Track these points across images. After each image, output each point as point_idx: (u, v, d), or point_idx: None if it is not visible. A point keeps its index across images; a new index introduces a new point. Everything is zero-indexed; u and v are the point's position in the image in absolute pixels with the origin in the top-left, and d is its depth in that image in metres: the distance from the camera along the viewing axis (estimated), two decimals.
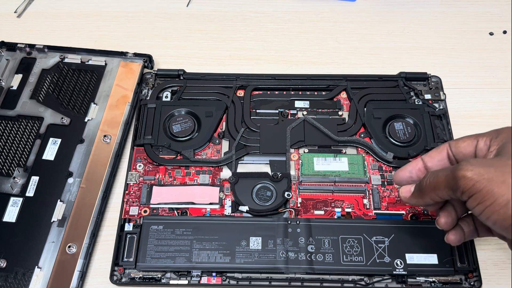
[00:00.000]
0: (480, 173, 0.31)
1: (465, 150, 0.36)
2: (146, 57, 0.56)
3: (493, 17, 0.62)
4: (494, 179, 0.30)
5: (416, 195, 0.37)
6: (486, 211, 0.31)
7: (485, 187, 0.30)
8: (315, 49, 0.60)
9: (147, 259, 0.43)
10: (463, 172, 0.31)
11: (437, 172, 0.34)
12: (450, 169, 0.33)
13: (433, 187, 0.34)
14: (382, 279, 0.43)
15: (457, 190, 0.32)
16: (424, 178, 0.35)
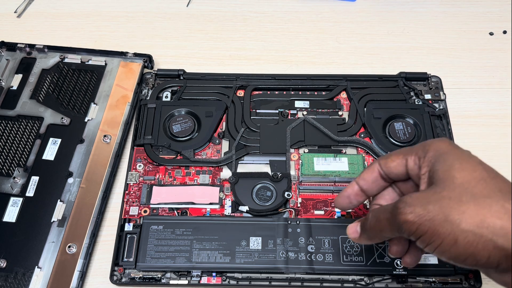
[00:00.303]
0: (420, 214, 0.29)
1: (396, 170, 0.34)
2: (146, 57, 0.56)
3: (493, 17, 0.62)
4: (435, 219, 0.28)
5: (365, 237, 0.34)
6: (437, 250, 0.29)
7: (429, 229, 0.28)
8: (315, 49, 0.60)
9: (147, 259, 0.43)
10: (403, 217, 0.29)
11: (378, 214, 0.32)
12: (390, 212, 0.31)
13: (378, 230, 0.33)
14: (382, 279, 0.43)
15: (403, 234, 0.30)
16: (366, 220, 0.34)
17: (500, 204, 0.28)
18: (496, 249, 0.27)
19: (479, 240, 0.27)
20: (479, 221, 0.27)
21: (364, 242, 0.35)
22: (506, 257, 0.27)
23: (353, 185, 0.37)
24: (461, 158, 0.31)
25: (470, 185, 0.29)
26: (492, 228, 0.27)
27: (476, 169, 0.30)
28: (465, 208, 0.28)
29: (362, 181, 0.36)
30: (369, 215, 0.33)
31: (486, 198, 0.28)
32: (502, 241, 0.27)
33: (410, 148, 0.34)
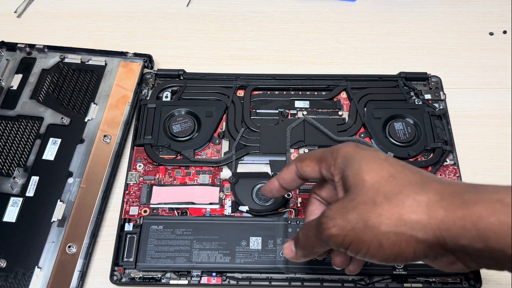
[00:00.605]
0: (342, 226, 0.29)
1: (311, 175, 0.34)
2: (146, 57, 0.56)
3: (493, 17, 0.62)
4: (356, 227, 0.28)
5: (301, 255, 0.34)
6: (368, 256, 0.29)
7: (353, 238, 0.28)
8: (315, 49, 0.60)
9: (147, 259, 0.43)
10: (327, 232, 0.29)
11: (306, 231, 0.32)
12: (315, 229, 0.31)
13: (309, 247, 0.32)
14: (382, 279, 0.43)
15: (333, 247, 0.30)
16: (297, 239, 0.34)
17: (412, 197, 0.28)
18: (419, 243, 0.27)
19: (400, 238, 0.27)
20: (396, 220, 0.27)
21: (301, 260, 0.35)
22: (430, 247, 0.27)
23: (274, 181, 0.37)
24: (367, 159, 0.31)
25: (380, 185, 0.29)
26: (410, 224, 0.27)
27: (383, 167, 0.30)
28: (381, 210, 0.28)
29: (281, 180, 0.37)
30: (299, 233, 0.33)
31: (398, 194, 0.28)
32: (421, 235, 0.27)
33: (322, 153, 0.34)
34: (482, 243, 0.25)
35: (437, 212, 0.27)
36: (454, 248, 0.27)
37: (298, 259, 0.35)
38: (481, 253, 0.26)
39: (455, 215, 0.26)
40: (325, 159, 0.33)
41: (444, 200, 0.27)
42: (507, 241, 0.25)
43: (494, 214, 0.25)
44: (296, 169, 0.35)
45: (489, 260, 0.26)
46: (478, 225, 0.25)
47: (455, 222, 0.26)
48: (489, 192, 0.26)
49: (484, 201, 0.26)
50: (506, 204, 0.25)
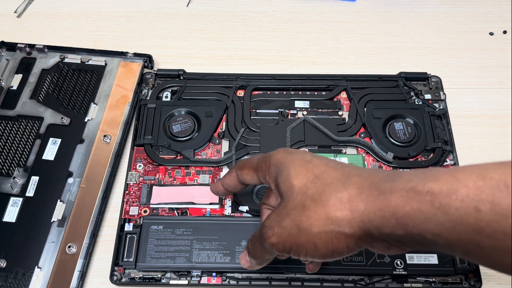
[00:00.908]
0: (279, 234, 0.30)
1: (252, 182, 0.36)
2: (146, 57, 0.56)
3: (493, 17, 0.62)
4: (292, 232, 0.30)
5: (256, 263, 0.35)
6: (308, 257, 0.30)
7: (292, 243, 0.30)
8: (315, 49, 0.60)
9: (147, 259, 0.43)
10: (268, 241, 0.31)
11: (253, 242, 0.34)
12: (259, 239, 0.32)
13: (259, 255, 0.34)
14: (382, 279, 0.43)
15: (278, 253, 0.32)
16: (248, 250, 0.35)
17: (334, 196, 0.29)
18: (348, 238, 0.28)
19: (331, 236, 0.29)
20: (324, 220, 0.29)
21: (258, 268, 0.36)
22: (360, 239, 0.29)
23: (219, 185, 0.40)
24: (295, 163, 0.32)
25: (307, 188, 0.30)
26: (336, 222, 0.28)
27: (308, 169, 0.31)
28: (310, 212, 0.29)
29: (225, 185, 0.39)
30: (248, 244, 0.34)
31: (322, 195, 0.29)
32: (348, 230, 0.28)
33: (257, 162, 0.35)
34: (402, 230, 0.27)
35: (358, 206, 0.28)
36: (380, 237, 0.28)
37: (255, 268, 0.36)
38: (405, 239, 0.27)
39: (374, 207, 0.28)
40: (260, 168, 0.35)
41: (363, 193, 0.28)
42: (423, 227, 0.26)
43: (408, 203, 0.26)
44: (237, 176, 0.37)
45: (416, 244, 0.28)
46: (396, 214, 0.27)
47: (375, 213, 0.27)
48: (404, 180, 0.27)
49: (398, 190, 0.27)
50: (418, 192, 0.26)
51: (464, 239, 0.25)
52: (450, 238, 0.25)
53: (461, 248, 0.26)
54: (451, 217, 0.25)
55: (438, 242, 0.26)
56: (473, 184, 0.25)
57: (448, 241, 0.26)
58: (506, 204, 0.24)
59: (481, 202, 0.24)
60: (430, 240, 0.26)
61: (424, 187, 0.26)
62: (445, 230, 0.25)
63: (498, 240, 0.24)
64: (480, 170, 0.25)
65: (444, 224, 0.25)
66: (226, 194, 0.41)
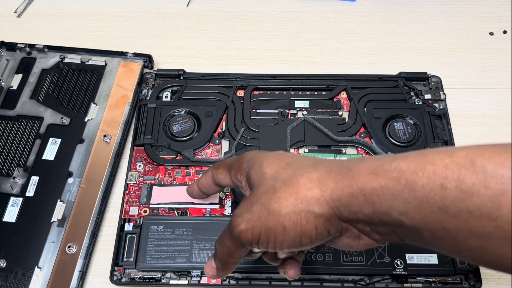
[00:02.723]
0: (248, 219, 0.29)
1: (224, 182, 0.36)
2: (146, 57, 0.56)
3: (493, 17, 0.62)
4: (261, 216, 0.29)
5: (221, 268, 0.34)
6: (277, 245, 0.29)
7: (260, 228, 0.29)
8: (315, 49, 0.60)
9: (147, 259, 0.43)
10: (237, 228, 0.30)
11: (221, 238, 0.33)
12: (228, 231, 0.31)
13: (228, 254, 0.32)
14: (382, 279, 0.43)
15: (246, 245, 0.30)
16: (215, 251, 0.34)
17: (304, 176, 0.29)
18: (317, 218, 0.28)
19: (300, 216, 0.28)
20: (293, 200, 0.28)
21: (224, 274, 0.35)
22: (329, 220, 0.28)
23: (194, 185, 0.41)
24: (268, 156, 0.32)
25: (279, 174, 0.30)
26: (306, 201, 0.28)
27: (281, 159, 0.32)
28: (280, 194, 0.29)
29: (200, 185, 0.40)
30: (216, 244, 0.34)
31: (293, 176, 0.29)
32: (317, 209, 0.28)
33: (231, 161, 0.35)
34: (370, 208, 0.27)
35: (327, 184, 0.28)
36: (349, 218, 0.28)
37: (219, 275, 0.35)
38: (373, 220, 0.27)
39: (343, 184, 0.28)
40: (233, 166, 0.35)
41: (332, 172, 0.29)
42: (390, 205, 0.26)
43: (375, 179, 0.27)
44: (212, 176, 0.38)
45: (384, 227, 0.28)
46: (363, 191, 0.27)
47: (344, 190, 0.27)
48: (373, 159, 0.28)
49: (367, 167, 0.27)
50: (385, 169, 0.26)
51: (430, 219, 0.25)
52: (416, 218, 0.25)
53: (427, 231, 0.25)
54: (417, 195, 0.25)
55: (404, 222, 0.26)
56: (440, 161, 0.25)
57: (414, 221, 0.26)
58: (470, 181, 0.23)
59: (447, 180, 0.24)
60: (396, 220, 0.26)
61: (392, 165, 0.26)
62: (411, 208, 0.25)
63: (462, 220, 0.24)
64: (448, 149, 0.25)
65: (410, 202, 0.25)
66: (200, 195, 0.41)
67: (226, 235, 0.32)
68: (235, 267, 0.34)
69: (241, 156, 0.34)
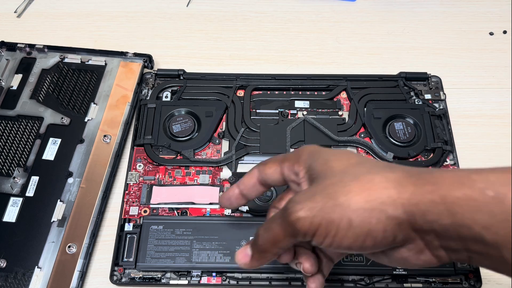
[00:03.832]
0: (310, 207, 0.27)
1: (272, 176, 0.34)
2: (146, 57, 0.56)
3: (493, 17, 0.62)
4: (325, 207, 0.27)
5: (258, 257, 0.32)
6: (335, 241, 0.27)
7: (322, 219, 0.27)
8: (315, 49, 0.60)
9: (147, 259, 0.43)
10: (294, 215, 0.28)
11: (268, 224, 0.30)
12: (280, 217, 0.29)
13: (271, 242, 0.30)
14: (382, 279, 0.43)
15: (298, 235, 0.28)
16: (256, 237, 0.32)
17: (381, 174, 0.27)
18: (389, 220, 0.26)
19: (371, 214, 0.26)
20: (366, 196, 0.27)
21: (256, 265, 0.32)
22: (399, 226, 0.26)
23: (234, 188, 0.36)
24: (335, 152, 0.31)
25: (349, 169, 0.29)
26: (380, 199, 0.26)
27: (350, 157, 0.30)
28: (350, 187, 0.27)
29: (242, 186, 0.36)
30: (259, 230, 0.32)
31: (367, 174, 0.28)
32: (392, 210, 0.26)
33: (284, 155, 0.34)
34: (449, 218, 0.25)
35: (406, 187, 0.26)
36: (423, 227, 0.26)
37: (252, 264, 0.32)
38: (449, 232, 0.25)
39: (424, 189, 0.26)
40: (287, 159, 0.33)
41: (413, 176, 0.27)
42: (473, 217, 0.24)
43: (460, 188, 0.25)
44: (258, 173, 0.35)
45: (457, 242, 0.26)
46: (445, 199, 0.25)
47: (424, 196, 0.26)
48: (454, 170, 0.27)
49: (450, 176, 0.26)
50: (471, 179, 0.25)
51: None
52: (500, 234, 0.23)
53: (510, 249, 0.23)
54: (505, 208, 0.23)
55: (485, 237, 0.24)
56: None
57: (497, 238, 0.24)
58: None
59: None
60: (477, 234, 0.24)
61: (480, 175, 0.25)
62: (497, 222, 0.23)
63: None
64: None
65: (496, 216, 0.23)
66: (239, 201, 0.36)
67: (277, 221, 0.29)
68: (270, 260, 0.32)
69: (300, 149, 0.33)
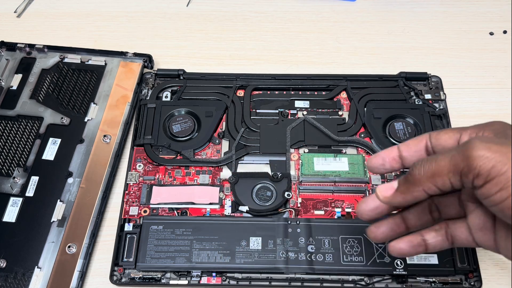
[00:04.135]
0: (499, 150, 0.25)
1: (446, 142, 0.31)
2: (146, 57, 0.56)
3: (493, 17, 0.62)
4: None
5: (404, 190, 0.30)
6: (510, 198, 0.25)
7: (508, 168, 0.24)
8: (315, 49, 0.60)
9: (147, 259, 0.43)
10: (478, 151, 0.25)
11: (435, 156, 0.28)
12: (455, 150, 0.27)
13: (431, 175, 0.28)
14: (382, 279, 0.43)
15: (469, 174, 0.26)
16: (415, 167, 0.29)
17: None
18: None
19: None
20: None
21: (399, 200, 0.30)
22: None
23: (393, 149, 0.33)
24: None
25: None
26: None
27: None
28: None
29: (404, 147, 0.33)
30: (419, 162, 0.29)
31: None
32: None
33: (464, 127, 0.31)
34: None
35: None
36: None
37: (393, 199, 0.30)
38: None
39: None
40: (471, 128, 0.31)
41: None
42: None
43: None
44: (428, 137, 0.32)
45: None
46: None
47: None
48: None
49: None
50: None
51: None
52: None
53: None
54: None
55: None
56: None
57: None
58: None
59: None
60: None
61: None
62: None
63: None
64: None
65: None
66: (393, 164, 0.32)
67: (448, 153, 0.27)
68: (414, 200, 0.29)
69: (484, 124, 0.30)
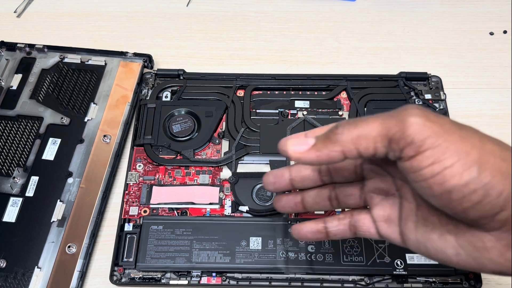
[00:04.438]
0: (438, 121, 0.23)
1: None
2: (146, 57, 0.56)
3: (493, 17, 0.62)
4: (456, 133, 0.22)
5: (320, 147, 0.25)
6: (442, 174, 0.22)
7: (444, 141, 0.22)
8: (315, 49, 0.60)
9: (147, 259, 0.43)
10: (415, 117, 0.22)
11: (365, 118, 0.24)
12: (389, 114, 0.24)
13: (356, 135, 0.24)
14: (382, 279, 0.43)
15: (400, 141, 0.23)
16: (340, 125, 0.25)
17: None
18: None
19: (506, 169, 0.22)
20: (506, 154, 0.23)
21: (312, 157, 0.25)
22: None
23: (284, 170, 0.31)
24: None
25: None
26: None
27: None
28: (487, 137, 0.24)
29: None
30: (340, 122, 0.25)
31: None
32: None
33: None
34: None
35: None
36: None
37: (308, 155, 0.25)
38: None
39: None
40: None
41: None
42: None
43: None
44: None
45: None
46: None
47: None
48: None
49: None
50: None
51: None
52: None
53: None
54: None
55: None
56: None
57: None
58: None
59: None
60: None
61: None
62: None
63: None
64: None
65: None
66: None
67: (381, 116, 0.24)
68: (332, 160, 0.25)
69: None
